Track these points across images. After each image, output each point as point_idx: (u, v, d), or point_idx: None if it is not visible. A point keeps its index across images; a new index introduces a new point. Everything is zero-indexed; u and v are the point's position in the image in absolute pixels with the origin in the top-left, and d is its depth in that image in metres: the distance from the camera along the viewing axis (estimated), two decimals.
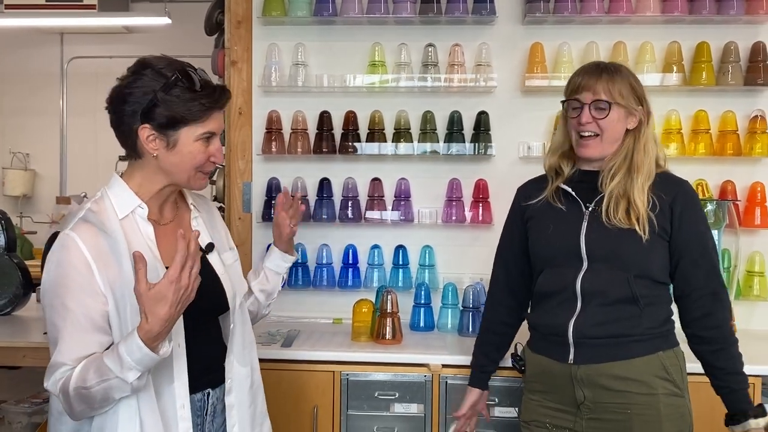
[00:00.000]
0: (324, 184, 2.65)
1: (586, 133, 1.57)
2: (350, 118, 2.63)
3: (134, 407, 1.26)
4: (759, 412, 1.51)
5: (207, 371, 1.41)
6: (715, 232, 2.28)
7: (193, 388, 1.37)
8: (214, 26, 2.86)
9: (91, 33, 5.07)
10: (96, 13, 4.26)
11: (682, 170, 2.60)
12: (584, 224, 1.57)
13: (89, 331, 1.24)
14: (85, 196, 4.35)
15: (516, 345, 1.79)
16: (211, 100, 1.32)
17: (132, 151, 1.34)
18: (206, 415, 1.41)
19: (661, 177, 1.60)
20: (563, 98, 1.66)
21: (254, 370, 1.51)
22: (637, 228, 1.51)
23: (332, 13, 2.58)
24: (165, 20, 4.02)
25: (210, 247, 1.44)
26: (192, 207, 1.49)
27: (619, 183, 1.54)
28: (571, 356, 1.54)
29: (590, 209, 1.58)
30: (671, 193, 1.56)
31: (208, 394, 1.41)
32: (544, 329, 1.60)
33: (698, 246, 1.55)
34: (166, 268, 1.23)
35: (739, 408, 1.52)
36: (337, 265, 2.68)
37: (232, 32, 2.64)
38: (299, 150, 2.63)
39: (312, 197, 2.67)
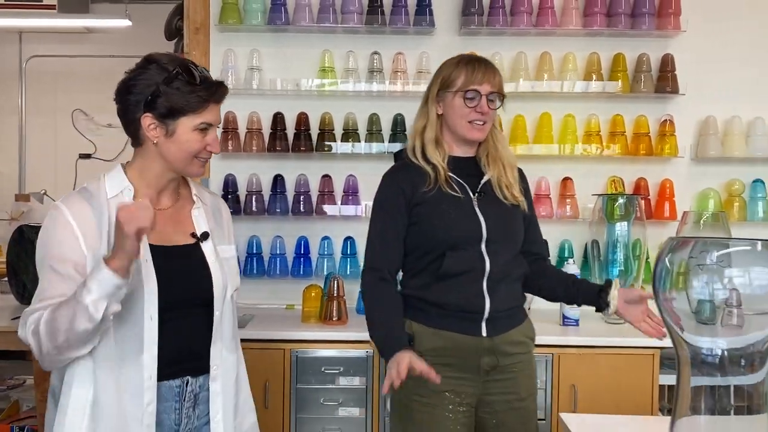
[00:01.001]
0: (278, 180, 2.86)
1: (480, 121, 1.74)
2: (302, 119, 2.85)
3: (90, 368, 1.33)
4: (608, 285, 1.77)
5: (189, 358, 1.43)
6: (624, 223, 2.58)
7: (173, 373, 1.40)
8: (174, 31, 3.03)
9: (50, 32, 5.12)
10: (55, 14, 4.34)
11: (601, 169, 2.93)
12: (477, 208, 1.73)
13: (71, 290, 1.30)
14: (45, 194, 4.44)
15: (404, 321, 1.77)
16: (209, 93, 1.40)
17: (134, 138, 1.44)
18: (184, 401, 1.43)
19: None
20: (444, 89, 1.75)
21: (240, 362, 1.55)
22: (521, 206, 1.77)
23: (285, 22, 2.79)
24: (125, 22, 4.14)
25: (205, 235, 1.48)
26: (196, 198, 1.53)
27: (498, 167, 1.77)
28: (484, 331, 1.70)
29: (478, 193, 1.75)
30: (523, 178, 1.87)
31: (187, 381, 1.43)
32: (454, 307, 1.70)
33: (532, 213, 1.88)
34: (151, 245, 1.36)
35: (595, 291, 1.78)
36: (290, 255, 2.89)
37: (191, 38, 2.82)
38: (254, 148, 2.83)
39: (266, 192, 2.87)
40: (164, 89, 1.36)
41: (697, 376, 1.01)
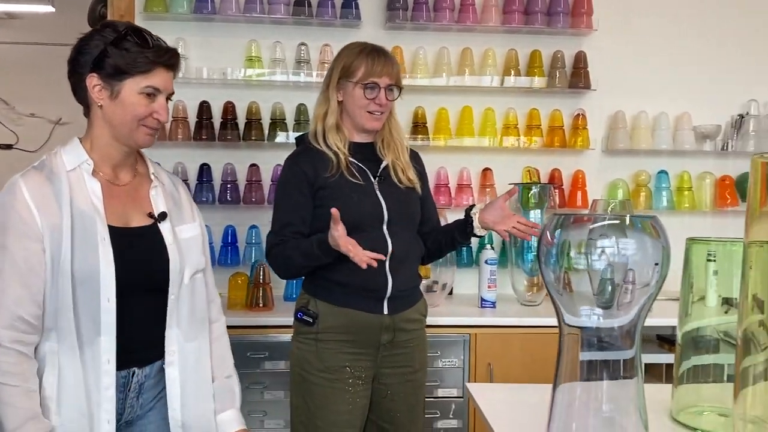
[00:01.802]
0: (204, 170, 2.87)
1: (378, 112, 1.82)
2: (229, 109, 2.86)
3: (55, 352, 1.31)
4: (469, 210, 1.91)
5: (141, 347, 1.41)
6: (537, 212, 2.72)
7: (120, 364, 1.36)
8: (97, 19, 2.99)
9: None
10: None
11: (519, 160, 3.07)
12: (378, 192, 1.81)
13: (24, 274, 1.28)
14: None
15: (308, 299, 1.83)
16: (157, 56, 1.37)
17: (82, 103, 1.42)
18: (129, 391, 1.41)
19: None
20: (345, 78, 1.81)
21: (202, 348, 1.49)
22: (417, 188, 1.87)
23: (211, 11, 2.80)
24: (48, 8, 4.04)
25: (162, 215, 1.45)
26: (153, 177, 1.49)
27: (393, 152, 1.86)
28: (386, 309, 1.79)
29: (378, 177, 1.83)
30: (417, 160, 1.97)
31: (133, 372, 1.40)
32: (358, 287, 1.75)
33: (428, 193, 1.98)
34: (110, 226, 1.34)
35: (463, 219, 1.91)
36: (217, 245, 2.90)
37: None
38: (180, 137, 2.82)
39: (192, 182, 2.87)
40: (112, 50, 1.34)
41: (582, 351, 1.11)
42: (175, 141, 2.84)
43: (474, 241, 2.97)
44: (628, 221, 1.04)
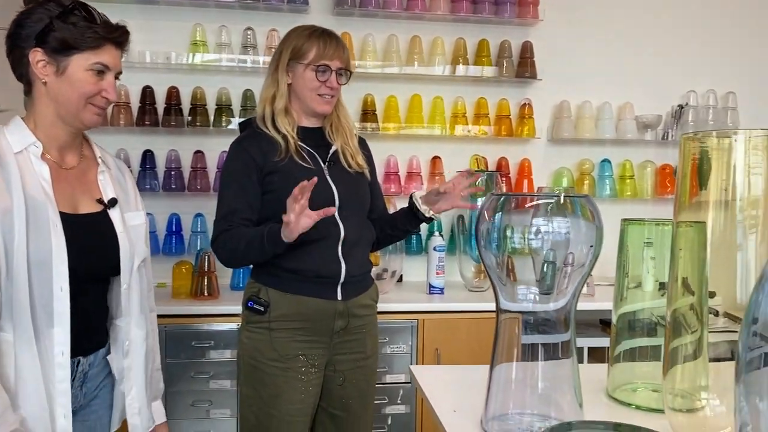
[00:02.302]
0: (147, 156, 2.80)
1: (329, 95, 1.79)
2: (173, 94, 2.79)
3: (11, 343, 1.25)
4: (412, 194, 1.91)
5: (87, 335, 1.37)
6: (484, 199, 2.75)
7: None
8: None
9: None
10: None
11: (468, 148, 3.10)
12: (328, 176, 1.78)
13: None
14: None
15: (258, 288, 1.77)
16: (107, 31, 1.33)
17: (23, 80, 1.34)
18: (73, 380, 1.35)
19: None
20: (295, 60, 1.78)
21: (149, 336, 1.49)
22: (366, 174, 1.87)
23: None
24: None
25: (112, 202, 1.40)
26: (100, 161, 1.45)
27: (342, 137, 1.85)
28: (339, 295, 1.76)
29: (327, 162, 1.80)
30: (364, 146, 1.96)
31: (78, 361, 1.36)
32: (311, 273, 1.73)
33: (375, 179, 1.97)
34: (60, 212, 1.28)
35: (409, 209, 1.90)
36: (161, 233, 2.84)
37: None
38: (122, 122, 2.74)
39: (135, 169, 2.80)
40: (58, 24, 1.28)
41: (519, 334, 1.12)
42: (117, 127, 2.76)
43: (423, 229, 2.99)
44: (562, 199, 1.06)
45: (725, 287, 1.04)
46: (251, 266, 1.85)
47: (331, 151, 1.84)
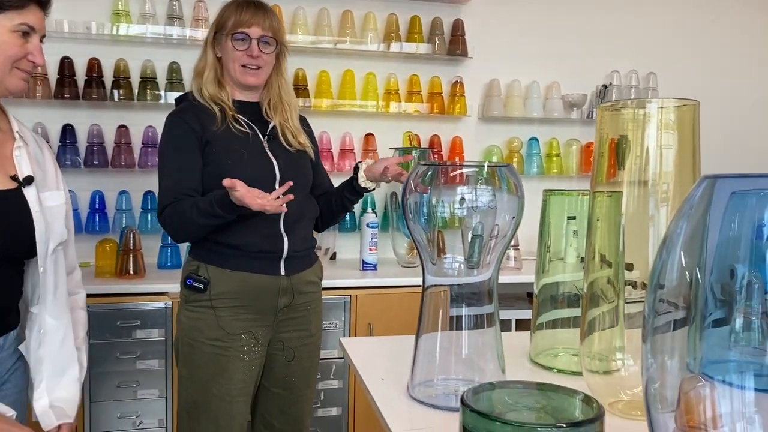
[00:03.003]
0: (67, 131, 2.67)
1: (254, 66, 1.74)
2: (94, 65, 2.67)
3: None
4: (355, 168, 1.88)
5: None
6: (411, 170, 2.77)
7: None
8: None
9: None
10: None
11: (401, 125, 3.10)
12: (268, 150, 1.75)
13: None
14: None
15: (197, 265, 1.73)
16: None
17: None
18: None
19: None
20: (220, 32, 1.74)
21: (64, 323, 1.40)
22: (308, 151, 1.84)
23: None
24: None
25: (28, 180, 1.32)
26: (18, 136, 1.36)
27: (281, 114, 1.82)
28: (283, 270, 1.74)
29: (267, 137, 1.77)
30: (306, 124, 1.93)
31: None
32: (252, 248, 1.70)
33: (318, 159, 1.96)
34: None
35: (351, 179, 1.88)
36: (83, 211, 2.73)
37: None
38: (38, 95, 2.61)
39: (55, 144, 2.67)
40: None
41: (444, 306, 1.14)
42: (34, 99, 2.62)
43: (356, 206, 2.99)
44: (486, 169, 1.08)
45: (642, 259, 1.08)
46: (188, 244, 1.81)
47: (270, 127, 1.80)
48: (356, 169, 1.88)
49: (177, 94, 2.69)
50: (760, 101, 3.56)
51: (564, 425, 0.75)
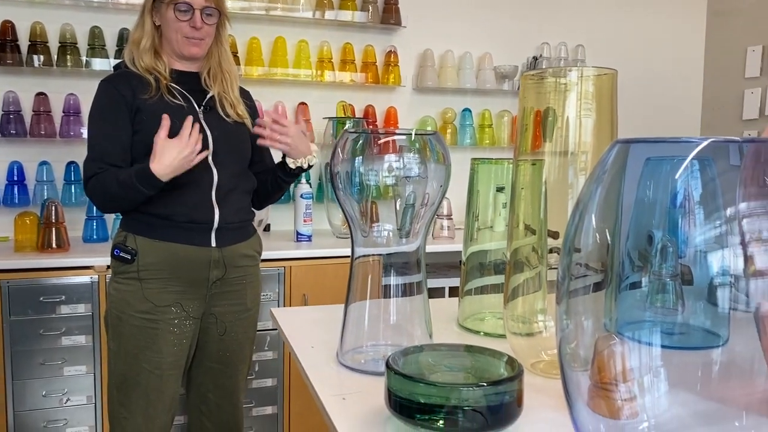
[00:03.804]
0: None
1: (197, 37, 1.70)
2: (8, 28, 2.52)
3: None
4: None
5: None
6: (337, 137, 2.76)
7: None
8: None
9: None
10: None
11: (334, 95, 3.07)
12: (203, 120, 1.71)
13: None
14: None
15: (125, 235, 1.69)
16: None
17: None
18: None
19: None
20: (160, 0, 1.69)
21: None
22: (247, 124, 1.80)
23: None
24: None
25: None
26: None
27: (221, 84, 1.77)
28: (213, 241, 1.71)
29: (203, 107, 1.73)
30: (248, 97, 1.88)
31: None
32: (182, 218, 1.67)
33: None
34: None
35: (283, 164, 1.83)
36: (1, 183, 2.59)
37: None
38: None
39: None
40: None
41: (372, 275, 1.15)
42: None
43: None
44: (413, 136, 1.08)
45: (564, 227, 1.12)
46: (118, 215, 1.75)
47: (207, 97, 1.75)
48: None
49: (99, 61, 2.62)
50: (682, 73, 3.71)
51: (485, 384, 0.77)
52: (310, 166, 1.84)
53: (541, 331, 1.13)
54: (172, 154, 1.57)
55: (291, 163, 1.80)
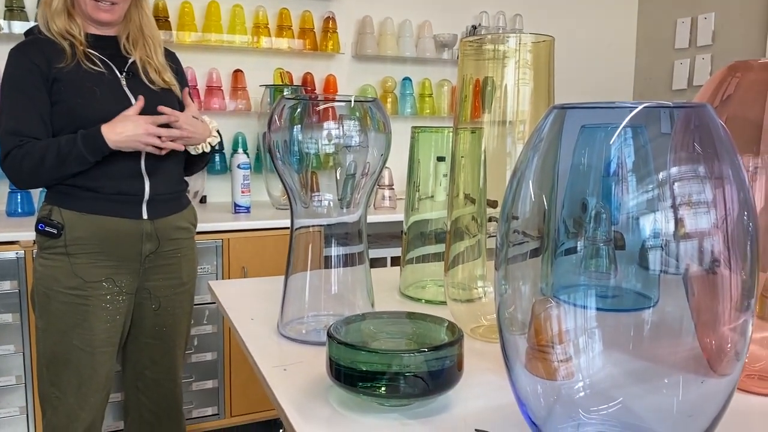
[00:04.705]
0: None
1: (107, 2, 1.61)
2: None
3: None
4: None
5: None
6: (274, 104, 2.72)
7: None
8: None
9: None
10: None
11: (271, 62, 3.00)
12: (126, 88, 1.64)
13: None
14: None
15: (50, 209, 1.62)
16: None
17: None
18: None
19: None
20: None
21: None
22: (174, 91, 1.73)
23: None
24: None
25: None
26: None
27: (143, 49, 1.69)
28: (145, 213, 1.65)
29: (125, 74, 1.65)
30: (174, 60, 1.80)
31: None
32: (110, 190, 1.61)
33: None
34: None
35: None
36: None
37: None
38: None
39: None
40: None
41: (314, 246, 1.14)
42: None
43: (227, 147, 2.89)
44: (352, 103, 1.07)
45: (503, 196, 1.13)
46: (42, 189, 1.66)
47: (129, 62, 1.67)
48: None
49: (18, 24, 2.46)
50: (615, 44, 3.80)
51: (425, 350, 0.78)
52: (213, 147, 1.76)
53: (481, 297, 1.15)
54: (128, 126, 1.53)
55: (192, 151, 1.73)
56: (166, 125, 1.62)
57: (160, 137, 1.59)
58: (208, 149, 1.74)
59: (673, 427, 0.62)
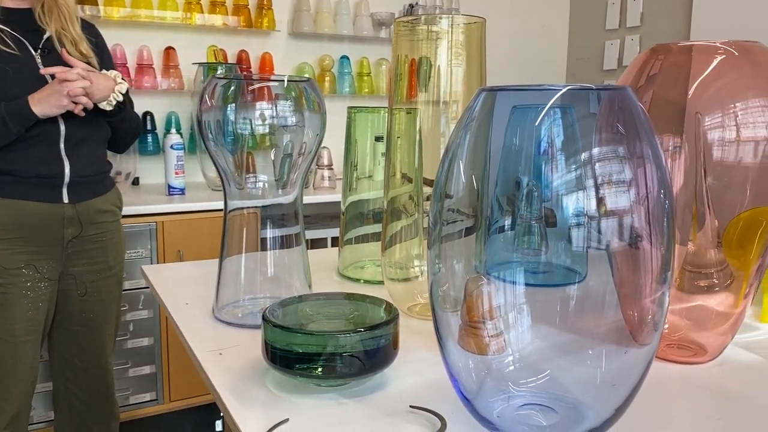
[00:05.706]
0: None
1: None
2: None
3: None
4: None
5: None
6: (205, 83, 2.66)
7: None
8: None
9: None
10: None
11: (204, 39, 2.92)
12: (41, 66, 1.58)
13: None
14: None
15: None
16: None
17: None
18: None
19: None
20: None
21: None
22: (92, 62, 1.65)
23: None
24: None
25: None
26: None
27: (57, 20, 1.62)
28: (66, 197, 1.61)
29: (40, 50, 1.60)
30: (93, 32, 1.73)
31: None
32: (28, 173, 1.56)
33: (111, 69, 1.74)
34: None
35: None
36: None
37: None
38: None
39: None
40: None
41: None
42: None
43: (159, 127, 2.80)
44: (286, 83, 1.05)
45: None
46: None
47: (44, 37, 1.59)
48: None
49: None
50: (548, 25, 3.87)
51: (361, 330, 0.79)
52: (124, 96, 1.66)
53: (417, 276, 1.17)
54: (45, 90, 1.51)
55: (106, 106, 1.62)
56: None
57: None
58: (120, 98, 1.64)
59: (597, 396, 0.65)
